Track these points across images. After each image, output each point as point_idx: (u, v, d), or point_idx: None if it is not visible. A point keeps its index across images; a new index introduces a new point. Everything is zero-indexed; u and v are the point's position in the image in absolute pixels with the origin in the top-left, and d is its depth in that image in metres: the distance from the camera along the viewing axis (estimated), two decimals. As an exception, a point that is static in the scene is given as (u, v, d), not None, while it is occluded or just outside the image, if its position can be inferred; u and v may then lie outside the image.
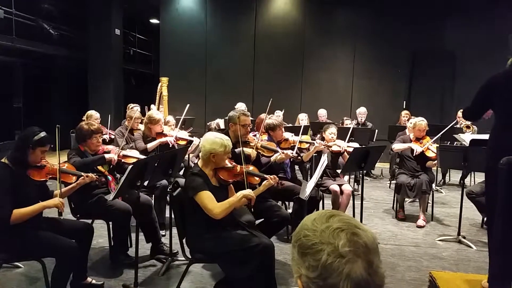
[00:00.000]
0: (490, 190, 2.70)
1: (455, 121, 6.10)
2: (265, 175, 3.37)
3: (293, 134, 4.92)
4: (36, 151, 3.02)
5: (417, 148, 5.30)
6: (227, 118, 4.20)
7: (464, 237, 4.70)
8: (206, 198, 2.87)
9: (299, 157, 4.65)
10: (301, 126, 5.87)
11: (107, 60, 10.96)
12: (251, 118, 6.58)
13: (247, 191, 2.98)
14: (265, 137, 4.75)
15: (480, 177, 7.09)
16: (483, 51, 9.52)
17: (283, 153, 4.23)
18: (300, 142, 4.74)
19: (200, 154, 3.11)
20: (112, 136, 6.06)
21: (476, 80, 2.80)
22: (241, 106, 7.73)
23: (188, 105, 5.73)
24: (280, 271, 3.64)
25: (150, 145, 4.76)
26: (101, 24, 10.90)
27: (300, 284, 0.95)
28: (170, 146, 4.87)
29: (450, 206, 6.32)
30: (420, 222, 5.24)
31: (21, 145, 3.01)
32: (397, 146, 5.54)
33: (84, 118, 6.17)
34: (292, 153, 4.35)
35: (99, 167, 3.74)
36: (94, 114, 6.38)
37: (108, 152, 3.92)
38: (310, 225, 0.95)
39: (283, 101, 9.86)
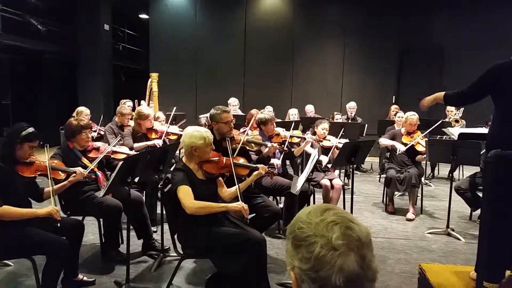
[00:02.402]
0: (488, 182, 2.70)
1: (448, 118, 6.15)
2: (254, 165, 3.39)
3: (284, 129, 4.94)
4: (24, 146, 3.01)
5: (400, 147, 5.35)
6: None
7: (453, 230, 4.76)
8: (183, 192, 2.90)
9: (285, 148, 4.63)
10: (291, 121, 5.88)
11: (96, 56, 10.85)
12: (241, 114, 6.57)
13: (234, 204, 2.97)
14: (256, 132, 4.75)
15: (468, 170, 7.17)
16: (471, 46, 9.62)
17: (269, 147, 4.26)
18: (291, 136, 4.76)
19: (183, 150, 3.13)
20: (102, 133, 6.02)
21: (463, 74, 2.78)
22: (233, 102, 7.72)
23: (175, 107, 5.74)
24: (271, 266, 3.66)
25: (137, 145, 4.72)
26: (90, 20, 10.78)
27: (293, 276, 0.95)
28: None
29: (439, 200, 6.39)
30: (410, 215, 5.30)
31: (9, 141, 3.00)
32: (384, 141, 5.62)
33: (74, 114, 6.12)
34: (277, 145, 4.36)
35: (88, 163, 3.71)
36: (84, 110, 6.33)
37: (97, 149, 3.89)
38: (305, 218, 0.96)
39: (273, 97, 9.90)
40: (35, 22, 9.94)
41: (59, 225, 2.89)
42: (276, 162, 4.42)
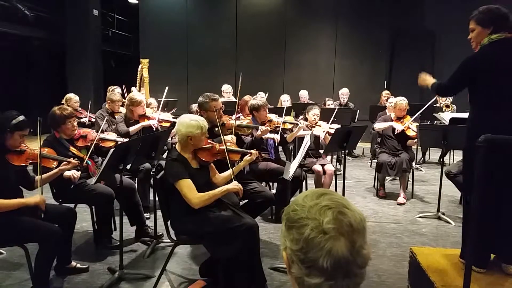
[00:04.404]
0: (468, 168, 2.75)
1: (434, 99, 6.18)
2: (246, 150, 3.39)
3: (276, 115, 4.93)
4: (14, 135, 2.97)
5: (399, 126, 5.39)
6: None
7: (443, 214, 4.82)
8: (186, 187, 2.87)
9: (278, 136, 4.63)
10: (283, 107, 5.87)
11: (85, 42, 10.71)
12: (234, 100, 6.53)
13: (232, 185, 3.01)
14: (248, 118, 4.74)
15: (459, 155, 7.23)
16: (462, 30, 9.54)
17: (261, 129, 4.26)
18: (284, 122, 4.76)
19: (177, 138, 3.10)
20: (93, 119, 5.97)
21: (455, 59, 2.80)
22: (227, 89, 7.68)
23: (167, 87, 5.65)
24: (264, 250, 3.69)
25: (133, 129, 4.69)
26: (79, 5, 10.61)
27: (284, 256, 0.98)
28: (154, 129, 4.80)
29: (430, 184, 6.46)
30: (401, 199, 5.36)
31: None
32: (379, 125, 5.62)
33: (63, 101, 6.06)
34: (270, 128, 4.37)
35: (77, 152, 3.68)
36: (73, 97, 6.28)
37: (85, 137, 3.84)
38: (301, 201, 0.97)
39: (266, 83, 9.85)
40: (22, 7, 9.74)
41: (42, 215, 2.88)
42: (276, 136, 4.44)
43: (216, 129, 3.54)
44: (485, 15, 2.75)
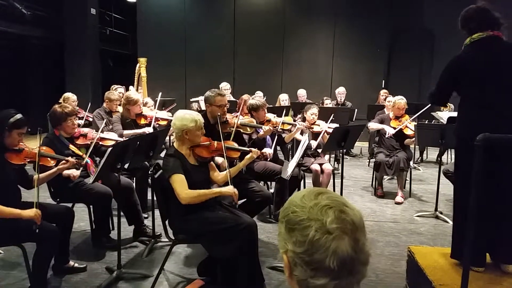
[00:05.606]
0: (460, 166, 2.76)
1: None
2: (247, 149, 3.38)
3: (275, 115, 4.93)
4: (12, 133, 2.97)
5: (390, 130, 5.40)
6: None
7: (441, 213, 4.83)
8: (177, 181, 2.88)
9: (279, 130, 4.63)
10: (282, 106, 5.87)
11: (83, 41, 10.66)
12: (233, 99, 6.52)
13: (226, 189, 3.00)
14: (247, 117, 4.74)
15: (456, 154, 7.25)
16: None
17: (264, 129, 4.25)
18: (283, 123, 4.75)
19: (174, 134, 3.10)
20: (90, 119, 5.95)
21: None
22: (225, 86, 7.67)
23: (160, 93, 5.69)
24: (263, 250, 3.69)
25: (127, 133, 4.66)
26: (76, 3, 10.56)
27: (285, 259, 0.96)
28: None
29: (428, 183, 6.47)
30: (398, 198, 5.37)
31: None
32: (372, 125, 5.67)
33: (61, 100, 6.04)
34: (272, 128, 4.37)
35: (76, 151, 3.67)
36: (71, 96, 6.26)
37: (85, 135, 3.84)
38: (299, 202, 0.96)
39: (263, 81, 9.84)
40: (19, 6, 9.70)
41: (37, 230, 2.76)
42: (269, 151, 4.39)
43: (217, 126, 3.54)
44: (460, 18, 2.77)
